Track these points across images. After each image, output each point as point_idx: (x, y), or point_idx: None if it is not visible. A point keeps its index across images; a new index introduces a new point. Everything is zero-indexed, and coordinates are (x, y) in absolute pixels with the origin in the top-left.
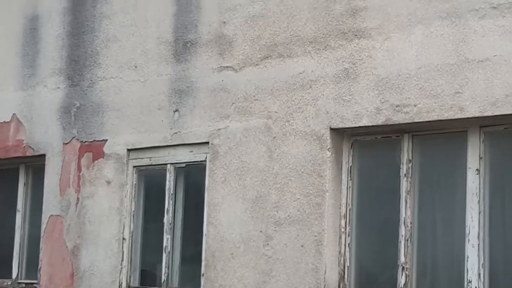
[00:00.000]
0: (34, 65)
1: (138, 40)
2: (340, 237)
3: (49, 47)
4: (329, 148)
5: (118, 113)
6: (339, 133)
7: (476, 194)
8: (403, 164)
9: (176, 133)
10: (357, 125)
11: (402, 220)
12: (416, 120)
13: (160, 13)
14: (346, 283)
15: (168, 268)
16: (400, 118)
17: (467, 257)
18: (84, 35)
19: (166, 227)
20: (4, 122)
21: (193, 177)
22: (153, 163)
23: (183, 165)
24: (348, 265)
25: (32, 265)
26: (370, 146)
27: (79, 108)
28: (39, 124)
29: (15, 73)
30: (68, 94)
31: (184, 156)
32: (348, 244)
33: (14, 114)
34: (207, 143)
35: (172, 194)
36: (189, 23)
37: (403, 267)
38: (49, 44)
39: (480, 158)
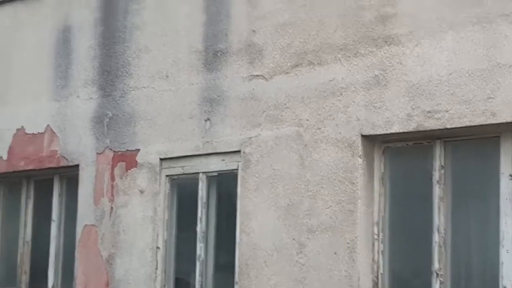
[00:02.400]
0: (67, 76)
1: (169, 50)
2: (373, 244)
3: (81, 58)
4: (360, 155)
5: (150, 122)
6: (370, 140)
7: (510, 199)
8: (435, 170)
9: (207, 142)
10: (389, 132)
11: (435, 226)
12: (448, 126)
13: (190, 22)
14: None
15: (201, 276)
16: (431, 124)
17: (502, 263)
18: (116, 46)
19: (199, 235)
20: (38, 133)
21: (225, 186)
22: (186, 172)
23: (215, 173)
24: (382, 272)
25: (67, 274)
26: (402, 153)
27: (111, 118)
28: (72, 135)
29: (49, 84)
30: (100, 104)
31: (216, 164)
32: (381, 251)
33: (48, 125)
34: (239, 151)
35: (204, 202)
36: (219, 32)
37: (437, 274)
38: (81, 55)
39: None
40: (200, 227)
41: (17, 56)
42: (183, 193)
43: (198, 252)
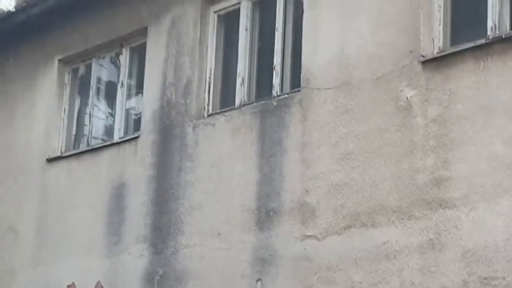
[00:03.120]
0: (119, 232)
1: (221, 208)
2: None
3: (133, 214)
4: None
5: (201, 281)
6: None
7: None
8: None
9: None
10: None
11: None
12: None
13: (244, 181)
14: None
15: None
16: None
17: None
18: (169, 203)
19: None
20: None
21: None
22: None
23: None
24: None
25: None
26: None
27: (162, 276)
28: None
29: (101, 240)
30: (151, 262)
31: None
32: None
33: (98, 281)
34: None
35: None
36: (272, 191)
37: None
38: (134, 212)
39: None
40: None
41: (70, 211)
42: None
43: None
